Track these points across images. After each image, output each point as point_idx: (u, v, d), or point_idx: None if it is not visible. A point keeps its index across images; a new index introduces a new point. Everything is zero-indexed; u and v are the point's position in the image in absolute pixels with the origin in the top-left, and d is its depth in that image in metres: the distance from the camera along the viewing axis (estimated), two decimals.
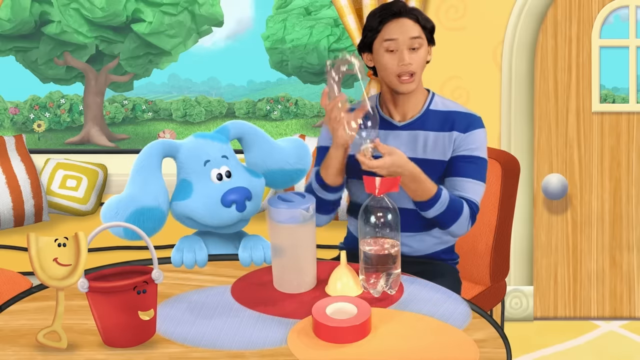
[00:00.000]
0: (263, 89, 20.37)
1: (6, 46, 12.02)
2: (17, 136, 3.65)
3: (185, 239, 2.11)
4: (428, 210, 2.11)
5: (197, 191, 2.03)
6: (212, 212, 2.02)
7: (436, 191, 2.09)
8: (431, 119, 2.23)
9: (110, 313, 1.55)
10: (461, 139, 2.20)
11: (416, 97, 2.25)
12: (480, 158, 2.20)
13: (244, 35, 22.41)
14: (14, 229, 3.48)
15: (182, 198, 2.04)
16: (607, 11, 3.39)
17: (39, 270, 1.55)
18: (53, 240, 1.56)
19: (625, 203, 3.51)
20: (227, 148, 2.10)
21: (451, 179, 2.20)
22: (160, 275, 1.57)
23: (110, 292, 1.54)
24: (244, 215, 2.04)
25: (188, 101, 16.09)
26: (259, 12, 22.65)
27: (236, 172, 2.06)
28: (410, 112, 2.25)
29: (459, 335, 1.63)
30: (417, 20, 2.18)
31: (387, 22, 2.17)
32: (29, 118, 14.13)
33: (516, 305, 3.56)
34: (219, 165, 2.05)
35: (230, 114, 16.58)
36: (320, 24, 14.35)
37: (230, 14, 21.83)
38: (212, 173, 2.04)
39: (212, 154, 2.05)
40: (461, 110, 2.25)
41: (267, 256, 2.05)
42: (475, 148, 2.20)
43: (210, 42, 23.53)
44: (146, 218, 1.98)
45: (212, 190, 2.02)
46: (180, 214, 2.06)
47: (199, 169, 2.04)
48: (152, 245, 1.59)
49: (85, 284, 1.54)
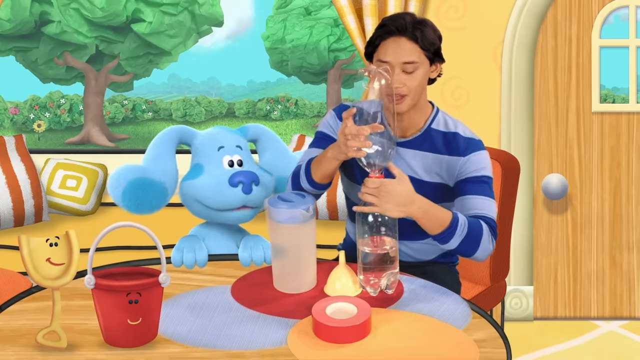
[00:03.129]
0: (263, 89, 20.37)
1: (6, 46, 12.03)
2: (17, 136, 3.65)
3: (185, 239, 2.12)
4: (450, 240, 1.93)
5: (207, 173, 2.09)
6: (218, 192, 2.07)
7: (452, 218, 1.92)
8: (431, 139, 2.14)
9: (114, 312, 1.55)
10: (461, 163, 2.09)
11: (417, 115, 2.14)
12: (486, 177, 2.08)
13: (244, 35, 22.42)
14: (14, 229, 3.48)
15: (191, 178, 2.10)
16: (607, 11, 3.39)
17: (33, 271, 1.55)
18: (44, 241, 1.57)
19: (625, 203, 3.51)
20: (242, 141, 2.17)
21: (461, 199, 2.07)
22: (168, 279, 1.57)
23: (116, 291, 1.54)
24: (249, 200, 2.07)
25: (188, 101, 16.09)
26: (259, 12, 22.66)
27: (248, 162, 2.12)
28: (410, 129, 2.16)
29: (459, 335, 1.63)
30: (416, 40, 2.03)
31: (384, 39, 2.05)
32: (29, 118, 14.12)
33: (516, 305, 3.56)
34: (232, 153, 2.11)
35: (230, 114, 16.58)
36: (320, 24, 14.35)
37: (230, 14, 21.83)
38: (224, 159, 2.11)
39: (227, 142, 2.12)
40: (462, 132, 2.13)
41: (267, 256, 2.06)
42: (480, 169, 2.08)
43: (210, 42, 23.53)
44: (146, 189, 2.04)
45: (222, 173, 2.08)
46: (187, 194, 2.11)
47: (212, 154, 2.11)
48: (162, 248, 1.59)
49: (92, 280, 1.54)
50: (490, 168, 2.11)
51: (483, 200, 2.04)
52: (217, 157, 2.11)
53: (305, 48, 14.19)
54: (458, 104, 3.42)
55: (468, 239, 1.94)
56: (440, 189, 2.13)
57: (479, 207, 2.02)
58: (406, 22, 2.05)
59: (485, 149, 2.13)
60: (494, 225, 2.02)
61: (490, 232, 1.99)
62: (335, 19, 14.22)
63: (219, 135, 2.14)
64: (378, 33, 2.08)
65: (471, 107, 3.43)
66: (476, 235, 1.95)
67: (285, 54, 14.54)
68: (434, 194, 2.09)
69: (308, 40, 14.19)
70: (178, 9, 12.83)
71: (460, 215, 1.94)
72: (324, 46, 14.03)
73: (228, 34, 22.17)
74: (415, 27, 2.05)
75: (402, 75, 2.04)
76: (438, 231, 1.92)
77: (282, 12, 14.82)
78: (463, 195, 2.06)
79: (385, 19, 2.11)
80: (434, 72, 2.13)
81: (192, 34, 13.28)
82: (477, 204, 2.03)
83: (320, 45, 14.04)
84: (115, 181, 2.03)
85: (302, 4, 14.68)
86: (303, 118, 16.42)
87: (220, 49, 22.51)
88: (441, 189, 2.13)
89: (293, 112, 16.49)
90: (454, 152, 2.10)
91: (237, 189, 2.05)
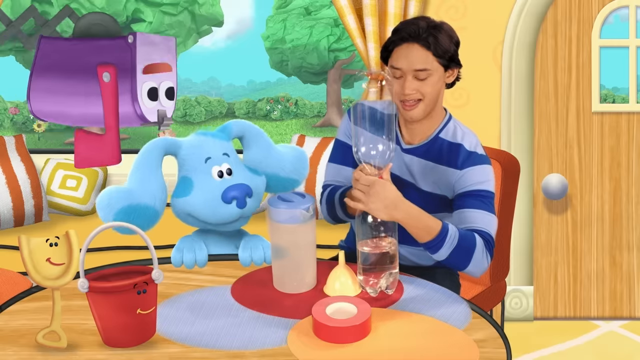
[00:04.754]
0: (263, 89, 20.39)
1: (6, 46, 12.03)
2: (17, 136, 3.65)
3: (185, 239, 2.11)
4: (439, 250, 1.89)
5: (198, 188, 2.02)
6: (213, 209, 2.01)
7: (441, 227, 1.88)
8: (435, 149, 2.11)
9: (110, 313, 1.55)
10: (458, 176, 2.05)
11: (430, 121, 2.11)
12: (485, 191, 2.02)
13: (244, 35, 22.40)
14: (14, 229, 3.48)
15: (182, 195, 2.04)
16: (607, 11, 3.40)
17: (33, 271, 1.55)
18: (44, 241, 1.57)
19: (625, 203, 3.52)
20: (228, 146, 2.09)
21: (458, 212, 2.03)
22: (161, 275, 1.57)
23: (110, 292, 1.54)
24: (244, 212, 2.04)
25: (188, 101, 16.10)
26: (259, 12, 22.63)
27: (237, 169, 2.06)
28: (419, 136, 2.13)
29: (459, 335, 1.63)
30: (429, 48, 2.00)
31: (397, 46, 2.03)
32: (29, 118, 14.12)
33: (516, 305, 3.56)
34: (220, 163, 2.04)
35: (230, 114, 16.59)
36: (320, 24, 14.35)
37: (230, 14, 21.81)
38: (213, 170, 2.03)
39: (214, 151, 2.05)
40: (466, 145, 2.09)
41: (267, 256, 2.05)
42: (478, 183, 2.03)
43: (210, 42, 23.50)
44: (137, 215, 1.97)
45: (213, 187, 2.02)
46: (180, 210, 2.05)
47: (199, 166, 2.03)
48: (152, 245, 1.59)
49: (86, 284, 1.54)
50: (491, 183, 2.05)
51: (480, 214, 1.99)
52: (206, 169, 2.03)
53: (305, 48, 14.20)
54: (458, 104, 3.42)
55: (458, 250, 1.89)
56: (437, 200, 2.11)
57: (475, 221, 1.98)
58: (420, 27, 2.01)
59: (489, 163, 2.07)
60: (490, 240, 1.97)
61: (485, 247, 1.94)
62: (335, 19, 14.23)
63: (205, 145, 2.06)
64: (392, 39, 2.05)
65: (471, 107, 3.43)
66: (467, 248, 1.91)
67: (285, 54, 14.55)
68: (431, 204, 2.07)
69: (308, 40, 14.19)
70: (178, 9, 12.83)
71: (451, 226, 1.90)
72: (324, 46, 14.04)
73: (228, 34, 22.17)
74: (429, 34, 2.01)
75: (415, 82, 2.02)
76: (427, 239, 1.88)
77: (282, 12, 14.83)
78: (460, 209, 2.02)
79: (400, 24, 2.08)
80: (450, 77, 2.10)
81: (192, 34, 13.29)
82: (474, 218, 1.98)
83: (320, 45, 14.05)
84: (105, 208, 1.95)
85: (302, 4, 14.69)
86: (303, 118, 16.43)
87: (220, 49, 22.50)
88: (438, 200, 2.11)
89: (293, 112, 16.49)
90: (452, 164, 2.08)
91: (232, 205, 2.00)
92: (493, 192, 2.04)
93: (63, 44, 2.10)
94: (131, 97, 2.01)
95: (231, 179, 2.04)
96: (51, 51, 2.10)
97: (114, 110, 2.01)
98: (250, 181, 2.06)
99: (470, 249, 1.91)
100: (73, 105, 2.07)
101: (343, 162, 2.21)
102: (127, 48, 2.02)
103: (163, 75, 2.09)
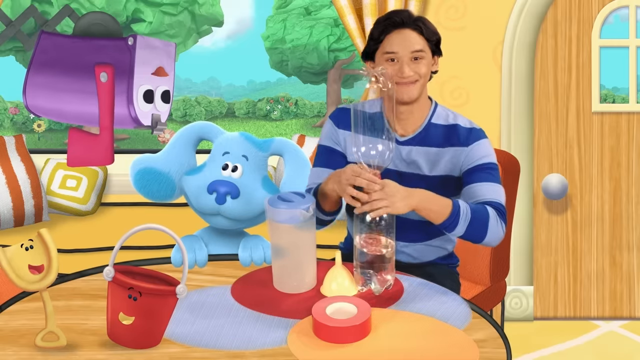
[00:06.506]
0: (263, 89, 20.38)
1: (6, 46, 12.03)
2: (17, 136, 3.65)
3: (186, 239, 2.12)
4: (456, 227, 1.95)
5: (202, 172, 2.13)
6: (197, 195, 2.11)
7: (452, 203, 1.94)
8: (433, 134, 2.16)
9: (124, 309, 1.55)
10: (465, 153, 2.12)
11: (419, 109, 2.17)
12: (491, 163, 2.11)
13: (244, 35, 22.41)
14: (14, 229, 3.48)
15: (190, 173, 2.16)
16: (607, 11, 3.40)
17: (16, 279, 1.55)
18: (20, 247, 1.56)
19: (625, 203, 3.51)
20: (254, 151, 2.14)
21: (467, 188, 2.09)
22: (185, 291, 1.57)
23: (131, 290, 1.53)
24: (223, 210, 2.07)
25: (188, 101, 16.09)
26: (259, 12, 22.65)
27: (246, 172, 2.10)
28: (412, 125, 2.18)
29: (459, 335, 1.63)
30: (421, 32, 2.09)
31: (389, 33, 2.09)
32: (29, 118, 14.12)
33: (516, 305, 3.56)
34: (234, 161, 2.12)
35: (230, 114, 16.58)
36: (320, 24, 14.34)
37: (230, 14, 21.82)
38: (222, 163, 2.13)
39: (234, 148, 2.13)
40: (462, 124, 2.17)
41: (267, 256, 2.05)
42: (483, 156, 2.11)
43: (210, 42, 23.52)
44: (151, 178, 2.15)
45: (208, 175, 2.11)
46: (182, 188, 2.18)
47: (217, 157, 2.14)
48: (187, 258, 1.58)
49: (111, 272, 1.54)
50: (494, 155, 2.14)
51: (489, 187, 2.06)
52: (219, 160, 2.12)
53: (305, 48, 14.19)
54: (458, 104, 3.42)
55: (474, 223, 1.95)
56: (446, 182, 2.15)
57: (485, 194, 2.05)
58: (406, 15, 2.13)
59: (487, 137, 2.16)
60: (502, 209, 2.03)
61: (499, 216, 2.00)
62: (335, 19, 14.22)
63: (233, 141, 2.15)
64: (380, 28, 2.12)
65: (471, 107, 3.43)
66: (482, 220, 1.96)
67: (285, 54, 14.54)
68: (440, 188, 2.11)
69: (308, 40, 14.18)
70: (178, 9, 12.83)
71: (460, 202, 1.96)
72: (324, 46, 14.03)
73: (228, 34, 22.18)
74: (417, 19, 2.12)
75: (412, 64, 2.09)
76: (442, 219, 1.94)
77: (282, 12, 14.81)
78: (469, 184, 2.09)
79: (384, 16, 2.15)
80: (434, 66, 2.17)
81: (192, 34, 13.28)
82: (484, 191, 2.05)
83: (320, 45, 14.04)
84: (130, 169, 2.18)
85: (302, 4, 14.68)
86: (303, 118, 16.42)
87: (220, 49, 22.52)
88: (447, 182, 2.15)
89: (293, 112, 16.48)
90: (457, 144, 2.14)
91: (211, 197, 2.08)
92: (497, 164, 2.13)
93: (63, 41, 2.10)
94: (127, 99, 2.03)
95: (230, 175, 2.07)
96: (50, 47, 2.10)
97: (109, 110, 2.03)
98: (246, 188, 2.07)
99: (485, 221, 1.97)
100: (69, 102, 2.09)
101: (327, 165, 2.21)
102: (127, 50, 2.04)
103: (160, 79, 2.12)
